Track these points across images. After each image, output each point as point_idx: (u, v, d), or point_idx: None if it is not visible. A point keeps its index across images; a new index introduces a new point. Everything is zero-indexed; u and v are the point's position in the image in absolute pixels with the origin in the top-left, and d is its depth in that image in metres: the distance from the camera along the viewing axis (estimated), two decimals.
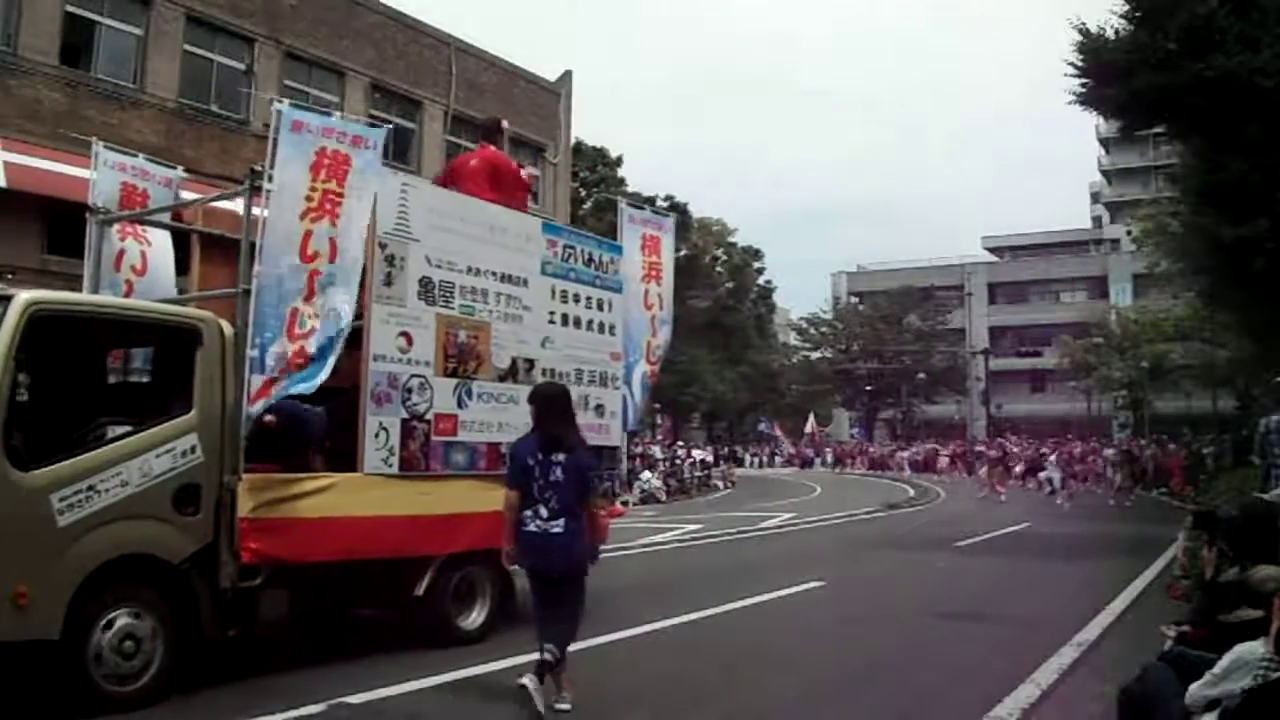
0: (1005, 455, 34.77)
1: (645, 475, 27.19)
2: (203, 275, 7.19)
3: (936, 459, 44.47)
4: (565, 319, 7.76)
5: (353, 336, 6.14)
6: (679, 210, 41.76)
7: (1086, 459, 33.77)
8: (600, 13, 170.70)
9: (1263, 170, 14.07)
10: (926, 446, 48.35)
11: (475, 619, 7.00)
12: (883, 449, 51.69)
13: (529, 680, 4.90)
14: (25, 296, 4.98)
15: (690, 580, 10.91)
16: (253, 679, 5.73)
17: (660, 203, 38.19)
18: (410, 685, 5.66)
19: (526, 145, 24.28)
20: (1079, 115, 46.53)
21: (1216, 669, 3.64)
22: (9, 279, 10.52)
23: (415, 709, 5.37)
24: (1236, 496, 12.09)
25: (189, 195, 8.25)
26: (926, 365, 57.43)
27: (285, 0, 18.64)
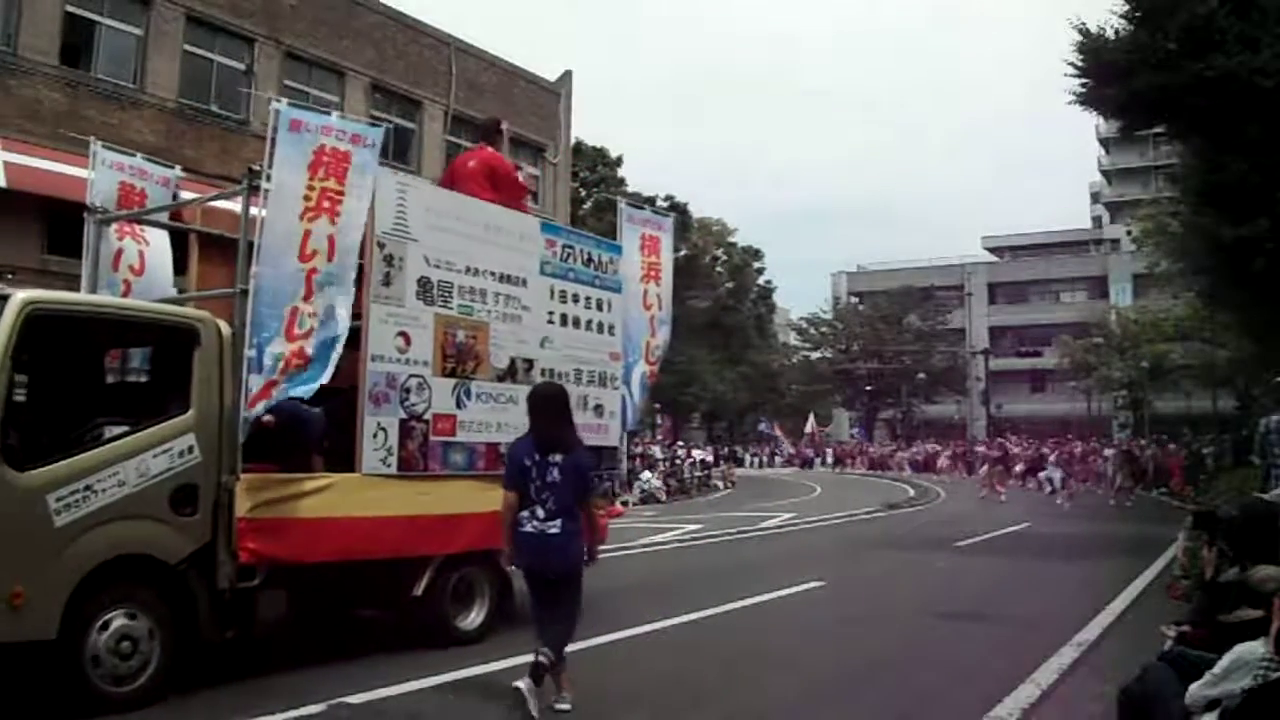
0: (1006, 455, 34.74)
1: (645, 475, 27.19)
2: (201, 275, 7.18)
3: (936, 459, 44.45)
4: (564, 319, 7.74)
5: (351, 336, 6.12)
6: (679, 210, 41.83)
7: (1087, 459, 33.77)
8: (600, 13, 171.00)
9: (1263, 170, 14.06)
10: (927, 447, 48.35)
11: (474, 619, 6.99)
12: (883, 449, 51.66)
13: (524, 684, 4.89)
14: (22, 296, 4.96)
15: (690, 580, 10.90)
16: (252, 679, 5.72)
17: (660, 203, 38.21)
18: (410, 685, 5.66)
19: (526, 145, 24.30)
20: (1079, 115, 46.62)
21: (1216, 669, 3.65)
22: (9, 279, 10.47)
23: (415, 709, 5.36)
24: (1236, 496, 12.08)
25: (188, 195, 8.22)
26: (926, 365, 57.44)
27: (285, 0, 18.64)
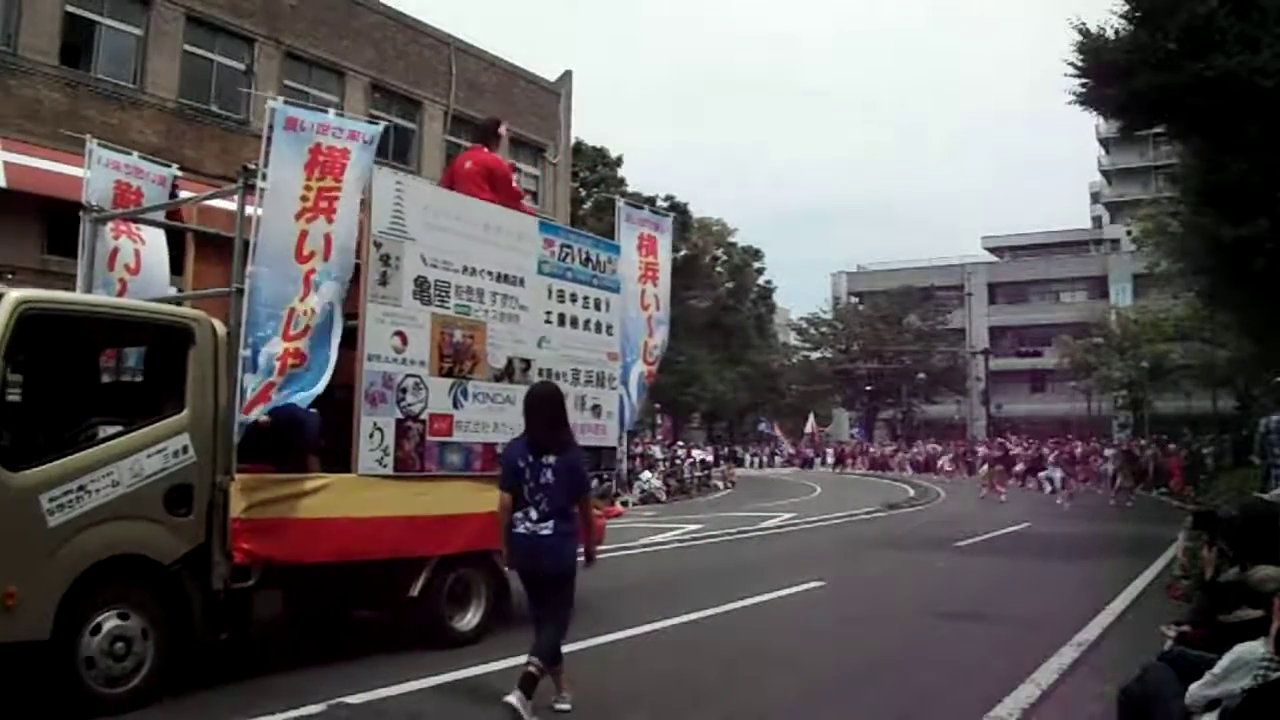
0: (1007, 455, 34.73)
1: (645, 475, 27.17)
2: (197, 274, 7.17)
3: (937, 460, 44.42)
4: (562, 319, 7.70)
5: (347, 336, 6.10)
6: (679, 210, 41.84)
7: (1087, 459, 33.76)
8: (600, 13, 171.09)
9: (1263, 170, 14.04)
10: (928, 447, 48.34)
11: (470, 620, 6.96)
12: (883, 449, 51.64)
13: (514, 698, 4.82)
14: (15, 295, 4.93)
15: (690, 580, 10.89)
16: (251, 679, 5.71)
17: (660, 203, 38.21)
18: (410, 685, 5.65)
19: (526, 145, 24.30)
20: (1079, 115, 46.58)
21: (1216, 669, 3.64)
22: (9, 279, 10.47)
23: (415, 709, 5.35)
24: (1236, 496, 12.06)
25: (185, 194, 8.19)
26: (926, 365, 57.44)
27: (285, 0, 18.63)
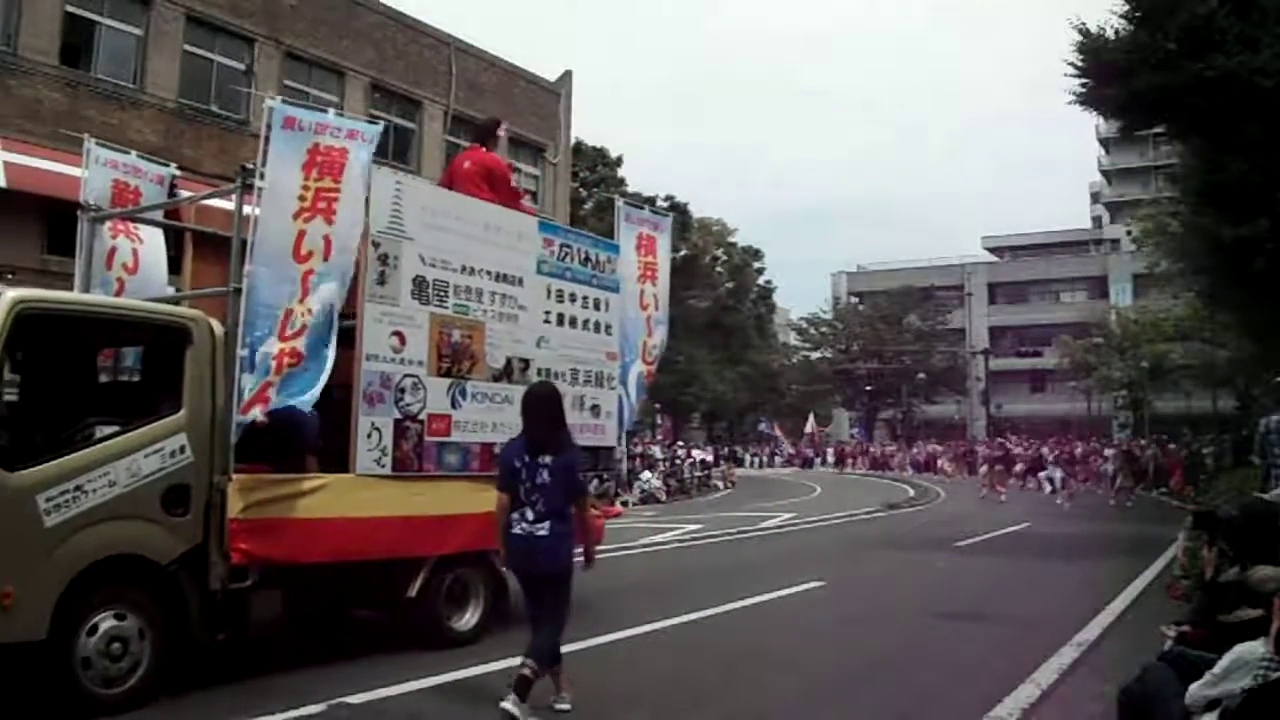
0: (1007, 455, 34.73)
1: (645, 475, 27.15)
2: (195, 274, 7.17)
3: (937, 460, 44.40)
4: (561, 318, 7.69)
5: (345, 336, 6.08)
6: (679, 210, 41.86)
7: (1087, 459, 33.74)
8: (600, 13, 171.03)
9: (1263, 170, 14.03)
10: (929, 447, 48.33)
11: (468, 620, 6.95)
12: (884, 449, 51.64)
13: (510, 702, 4.80)
14: (11, 295, 4.92)
15: (690, 580, 10.88)
16: (251, 680, 5.70)
17: (660, 203, 38.21)
18: (410, 685, 5.64)
19: (526, 145, 24.30)
20: (1079, 115, 46.57)
21: (1216, 669, 3.63)
22: (8, 279, 10.46)
23: (415, 709, 5.34)
24: (1236, 496, 12.04)
25: (183, 193, 8.18)
26: (926, 365, 57.43)
27: (285, 0, 18.63)
